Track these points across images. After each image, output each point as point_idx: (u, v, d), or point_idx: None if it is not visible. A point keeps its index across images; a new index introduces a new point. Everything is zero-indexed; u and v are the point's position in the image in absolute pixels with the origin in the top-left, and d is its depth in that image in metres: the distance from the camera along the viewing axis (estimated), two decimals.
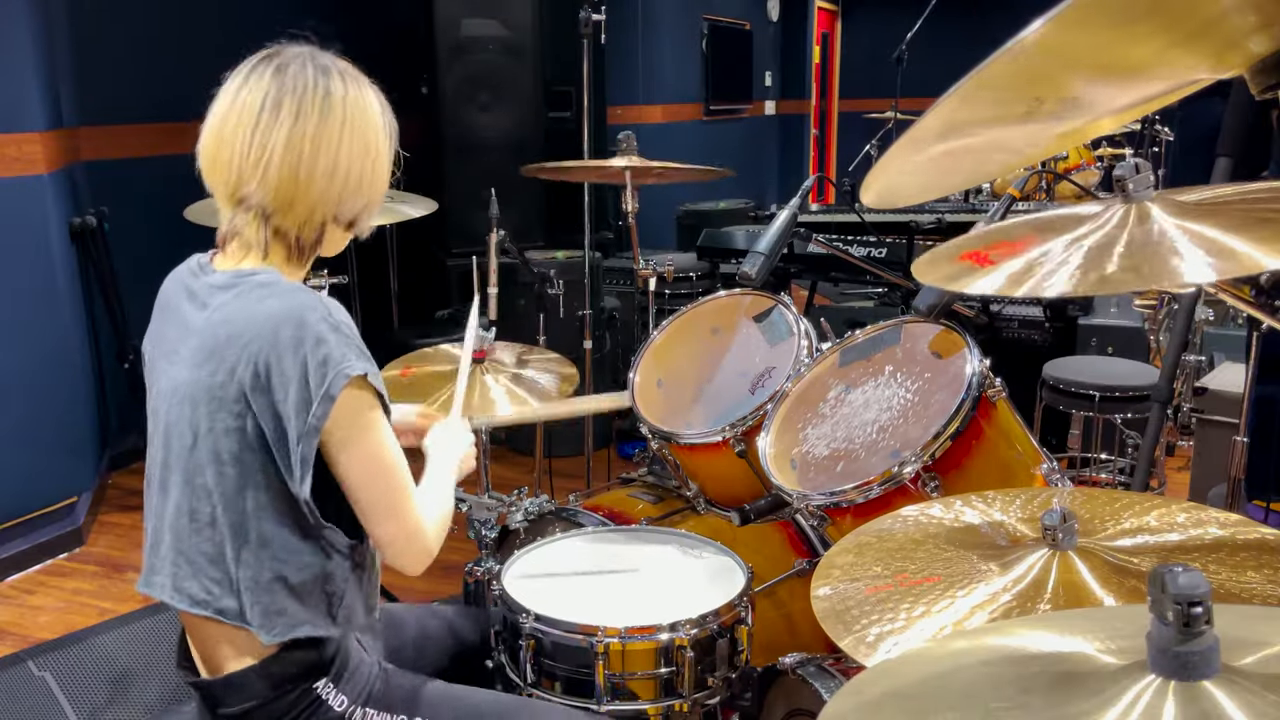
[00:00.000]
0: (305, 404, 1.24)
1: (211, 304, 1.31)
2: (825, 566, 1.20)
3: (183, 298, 1.36)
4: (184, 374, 1.31)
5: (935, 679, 0.72)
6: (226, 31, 4.37)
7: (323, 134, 1.30)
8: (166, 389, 1.34)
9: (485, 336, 2.36)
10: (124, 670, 2.54)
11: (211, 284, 1.33)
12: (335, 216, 1.35)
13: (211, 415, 1.27)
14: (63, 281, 3.45)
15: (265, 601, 1.30)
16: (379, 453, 1.31)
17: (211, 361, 1.27)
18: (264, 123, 1.28)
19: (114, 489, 3.89)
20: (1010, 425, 1.72)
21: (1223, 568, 1.06)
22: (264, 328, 1.25)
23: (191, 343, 1.31)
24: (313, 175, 1.30)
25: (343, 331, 1.27)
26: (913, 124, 0.98)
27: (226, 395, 1.26)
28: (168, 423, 1.33)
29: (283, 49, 1.34)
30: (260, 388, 1.25)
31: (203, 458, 1.29)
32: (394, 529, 1.32)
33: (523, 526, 2.13)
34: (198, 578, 1.31)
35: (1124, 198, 1.08)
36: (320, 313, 1.26)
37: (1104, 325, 3.48)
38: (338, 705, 1.35)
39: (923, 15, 5.40)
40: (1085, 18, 0.80)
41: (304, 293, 1.29)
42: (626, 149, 2.62)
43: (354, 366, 1.25)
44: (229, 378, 1.26)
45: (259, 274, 1.31)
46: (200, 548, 1.31)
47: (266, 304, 1.27)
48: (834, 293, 5.57)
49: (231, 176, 1.30)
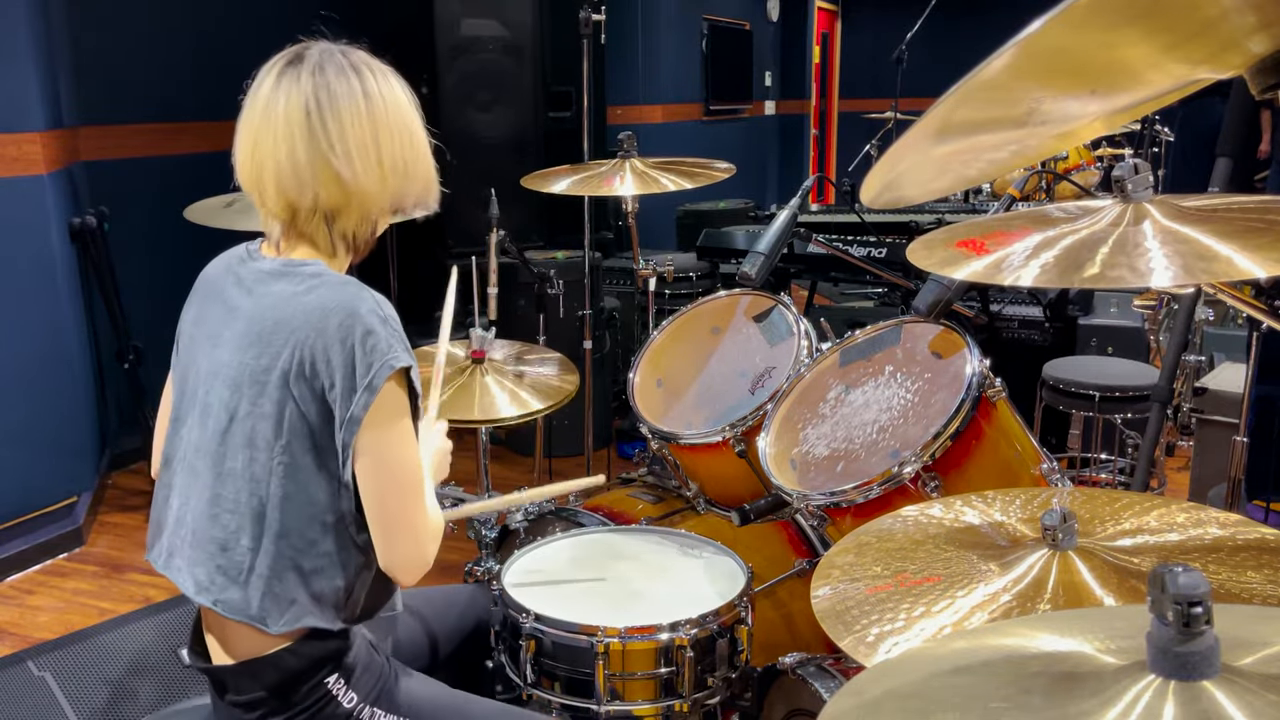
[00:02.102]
0: (350, 392, 1.26)
1: (259, 290, 1.33)
2: (825, 566, 1.20)
3: (229, 282, 1.38)
4: (226, 356, 1.32)
5: (935, 679, 0.72)
6: (227, 32, 4.37)
7: (371, 134, 1.32)
8: (206, 371, 1.35)
9: (485, 336, 2.36)
10: (124, 670, 2.54)
11: (261, 270, 1.35)
12: (391, 208, 1.39)
13: (252, 400, 1.29)
14: (63, 281, 3.45)
15: (277, 590, 1.30)
16: (399, 457, 1.31)
17: (256, 346, 1.29)
18: (314, 132, 1.29)
19: (114, 489, 3.89)
20: (1010, 425, 1.72)
21: (1223, 568, 1.06)
22: (313, 316, 1.27)
23: (237, 327, 1.33)
24: (370, 176, 1.32)
25: (391, 324, 1.30)
26: (912, 124, 0.98)
27: (269, 380, 1.28)
28: (205, 404, 1.34)
29: (307, 48, 1.34)
30: (304, 375, 1.27)
31: (236, 442, 1.30)
32: (399, 536, 1.33)
33: (523, 526, 2.13)
34: (205, 564, 1.33)
35: (1123, 198, 1.08)
36: (370, 305, 1.29)
37: (1104, 325, 3.48)
38: (347, 702, 1.35)
39: (923, 15, 5.40)
40: (1085, 18, 0.80)
41: (354, 285, 1.32)
42: (627, 149, 2.61)
43: (400, 358, 1.28)
44: (273, 363, 1.28)
45: (309, 264, 1.33)
46: (213, 534, 1.32)
47: (317, 293, 1.29)
48: (834, 293, 5.57)
49: (287, 190, 1.31)
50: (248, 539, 1.30)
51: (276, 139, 1.30)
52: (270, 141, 1.30)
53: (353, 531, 1.33)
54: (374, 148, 1.32)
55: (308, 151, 1.29)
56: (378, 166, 1.33)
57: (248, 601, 1.31)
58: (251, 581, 1.30)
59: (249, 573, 1.30)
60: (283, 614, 1.30)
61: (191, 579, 1.34)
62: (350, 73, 1.32)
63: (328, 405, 1.28)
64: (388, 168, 1.34)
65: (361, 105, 1.31)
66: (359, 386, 1.26)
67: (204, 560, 1.33)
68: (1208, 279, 0.94)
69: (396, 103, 1.36)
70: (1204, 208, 1.05)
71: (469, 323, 2.44)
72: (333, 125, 1.29)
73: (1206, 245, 0.96)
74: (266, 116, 1.31)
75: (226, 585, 1.31)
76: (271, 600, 1.30)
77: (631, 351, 2.40)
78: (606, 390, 4.14)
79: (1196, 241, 0.97)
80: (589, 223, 3.28)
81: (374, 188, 1.33)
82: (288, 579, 1.30)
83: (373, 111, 1.32)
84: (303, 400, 1.28)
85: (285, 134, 1.29)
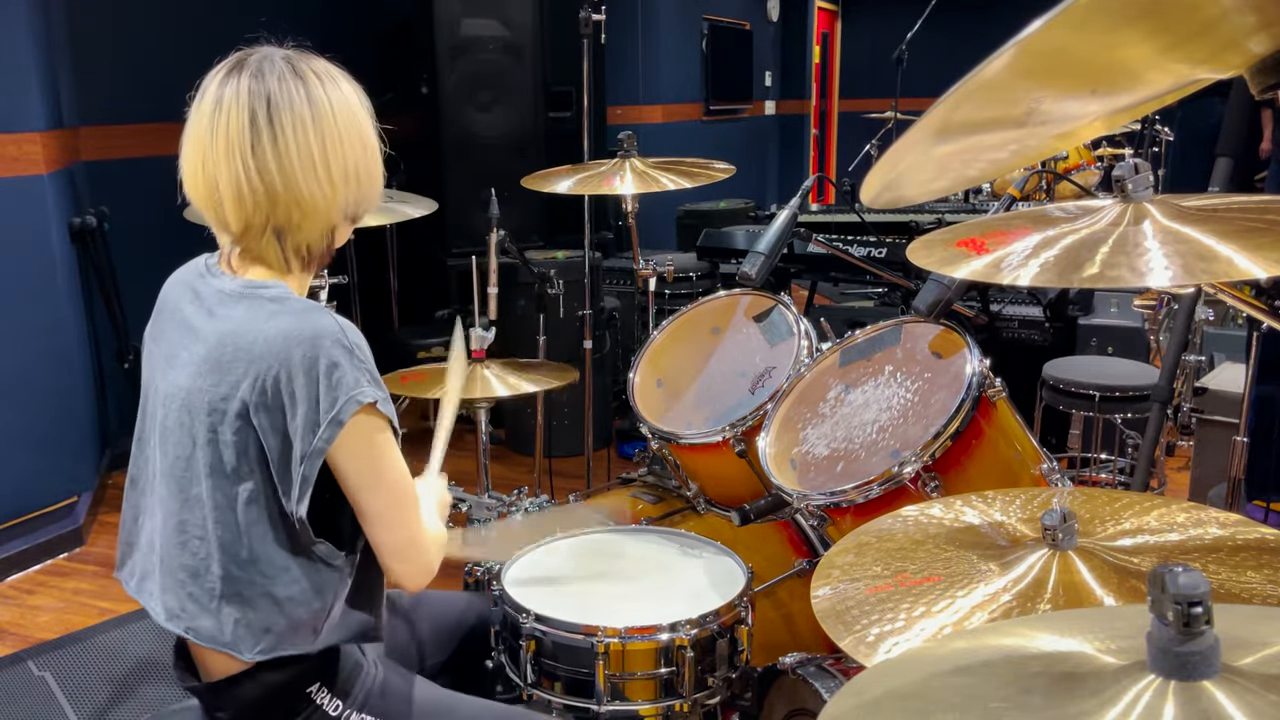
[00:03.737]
0: (313, 426, 1.22)
1: (219, 313, 1.28)
2: (825, 566, 1.20)
3: (186, 299, 1.33)
4: (184, 381, 1.28)
5: (935, 679, 0.72)
6: (227, 32, 4.35)
7: (320, 144, 1.26)
8: (164, 392, 1.31)
9: (485, 336, 2.37)
10: (124, 670, 2.54)
11: (221, 290, 1.30)
12: (348, 217, 1.34)
13: (212, 427, 1.25)
14: (63, 281, 3.45)
15: (250, 618, 1.27)
16: (387, 471, 1.29)
17: (215, 374, 1.25)
18: (257, 146, 1.24)
19: (114, 489, 3.89)
20: (1010, 425, 1.72)
21: (1223, 568, 1.06)
22: (274, 345, 1.22)
23: (196, 350, 1.28)
24: (321, 187, 1.27)
25: (356, 355, 1.25)
26: (912, 124, 0.98)
27: (229, 409, 1.24)
28: (164, 428, 1.31)
29: (250, 54, 1.29)
30: (265, 406, 1.23)
31: (199, 468, 1.26)
32: (400, 538, 1.32)
33: None
34: (175, 591, 1.29)
35: (1123, 198, 1.08)
36: (335, 335, 1.24)
37: (1104, 325, 3.48)
38: (333, 710, 1.34)
39: (923, 15, 5.40)
40: (1085, 18, 0.80)
41: (318, 312, 1.26)
42: (627, 149, 2.61)
43: (365, 394, 1.23)
44: (232, 391, 1.23)
45: (271, 288, 1.28)
46: (182, 561, 1.28)
47: (278, 321, 1.24)
48: (834, 293, 5.57)
49: (233, 207, 1.26)
50: (217, 567, 1.27)
51: (219, 155, 1.25)
52: (214, 157, 1.25)
53: (325, 556, 1.30)
54: (321, 158, 1.26)
55: (252, 167, 1.24)
56: (327, 177, 1.27)
57: (220, 629, 1.27)
58: (223, 610, 1.27)
59: (220, 600, 1.27)
60: (257, 642, 1.27)
61: (163, 606, 1.31)
62: (293, 78, 1.26)
63: (288, 435, 1.23)
64: (338, 177, 1.28)
65: (305, 113, 1.26)
66: (322, 421, 1.21)
67: (174, 588, 1.29)
68: (1208, 279, 0.94)
69: (345, 107, 1.30)
70: (1204, 208, 1.05)
71: (469, 323, 2.44)
72: (277, 137, 1.24)
73: (1206, 245, 0.96)
74: (210, 131, 1.25)
75: (198, 613, 1.28)
76: (245, 628, 1.27)
77: (631, 351, 2.40)
78: (606, 390, 4.14)
79: (1196, 241, 0.97)
80: (589, 223, 3.28)
81: (324, 199, 1.28)
82: (260, 606, 1.27)
83: (318, 119, 1.26)
84: (263, 431, 1.23)
85: (227, 150, 1.24)
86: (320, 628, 1.31)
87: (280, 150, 1.25)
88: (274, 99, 1.25)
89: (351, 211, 1.34)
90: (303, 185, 1.26)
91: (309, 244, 1.31)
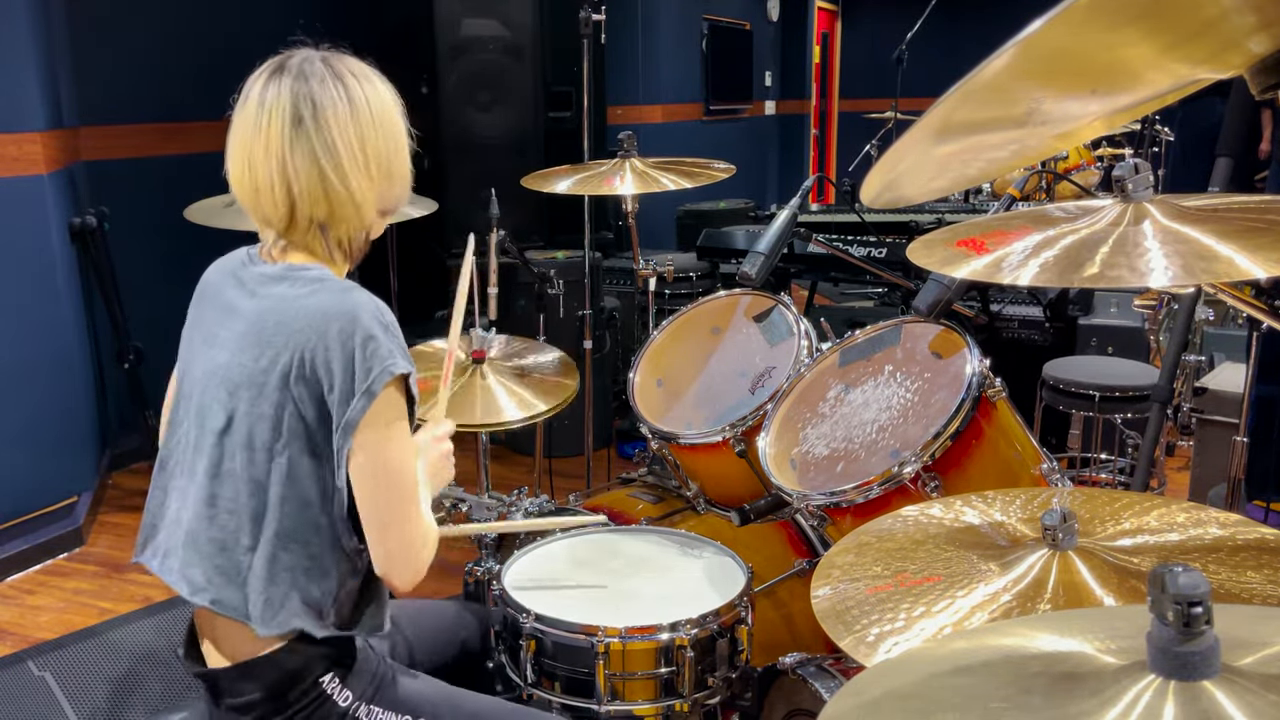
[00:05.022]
0: (349, 396, 1.27)
1: (260, 293, 1.34)
2: (825, 566, 1.20)
3: (228, 284, 1.39)
4: (224, 357, 1.33)
5: (935, 679, 0.72)
6: (227, 32, 4.37)
7: (360, 141, 1.33)
8: (202, 372, 1.36)
9: (485, 336, 2.36)
10: (124, 670, 2.53)
11: (262, 274, 1.36)
12: (381, 211, 1.40)
13: (251, 400, 1.30)
14: (63, 281, 3.45)
15: (270, 593, 1.30)
16: (394, 461, 1.32)
17: (255, 348, 1.30)
18: (301, 144, 1.30)
19: (114, 489, 3.89)
20: (1010, 425, 1.72)
21: (1223, 568, 1.06)
22: (314, 319, 1.28)
23: (236, 328, 1.33)
24: (359, 183, 1.33)
25: (392, 331, 1.31)
26: (912, 124, 0.98)
27: (268, 382, 1.28)
28: (201, 405, 1.35)
29: (290, 57, 1.35)
30: (303, 377, 1.28)
31: (235, 442, 1.31)
32: (393, 540, 1.32)
33: None
34: (202, 565, 1.32)
35: (1123, 198, 1.08)
36: (372, 311, 1.30)
37: (1104, 325, 3.48)
38: (343, 701, 1.35)
39: (923, 15, 5.40)
40: (1085, 18, 0.80)
41: (357, 290, 1.32)
42: (627, 149, 2.61)
43: (399, 365, 1.29)
44: (272, 364, 1.28)
45: (311, 269, 1.34)
46: (211, 534, 1.32)
47: (318, 297, 1.30)
48: (834, 293, 5.57)
49: (281, 202, 1.33)
50: (247, 539, 1.31)
51: (267, 153, 1.31)
52: (261, 155, 1.32)
53: (343, 537, 1.33)
54: (361, 154, 1.33)
55: (297, 164, 1.31)
56: (366, 172, 1.34)
57: (245, 601, 1.31)
58: (250, 582, 1.31)
59: (247, 572, 1.31)
60: (275, 615, 1.31)
61: (186, 580, 1.34)
62: (333, 80, 1.33)
63: (326, 408, 1.28)
64: (375, 172, 1.35)
65: (346, 112, 1.32)
66: (357, 391, 1.26)
67: (199, 561, 1.33)
68: (1208, 279, 0.94)
69: (380, 105, 1.36)
70: (1204, 208, 1.05)
71: (468, 323, 2.44)
72: (320, 135, 1.31)
73: (1206, 245, 0.96)
74: (255, 131, 1.32)
75: (224, 585, 1.31)
76: (265, 602, 1.30)
77: (631, 351, 2.40)
78: (606, 390, 4.14)
79: (1196, 241, 0.97)
80: (589, 223, 3.28)
81: (364, 193, 1.35)
82: (281, 580, 1.31)
83: (358, 117, 1.33)
84: (301, 402, 1.28)
85: (274, 148, 1.31)
86: (328, 612, 1.34)
87: (324, 147, 1.31)
88: (317, 100, 1.31)
89: (386, 205, 1.40)
90: (345, 180, 1.32)
91: (349, 236, 1.38)
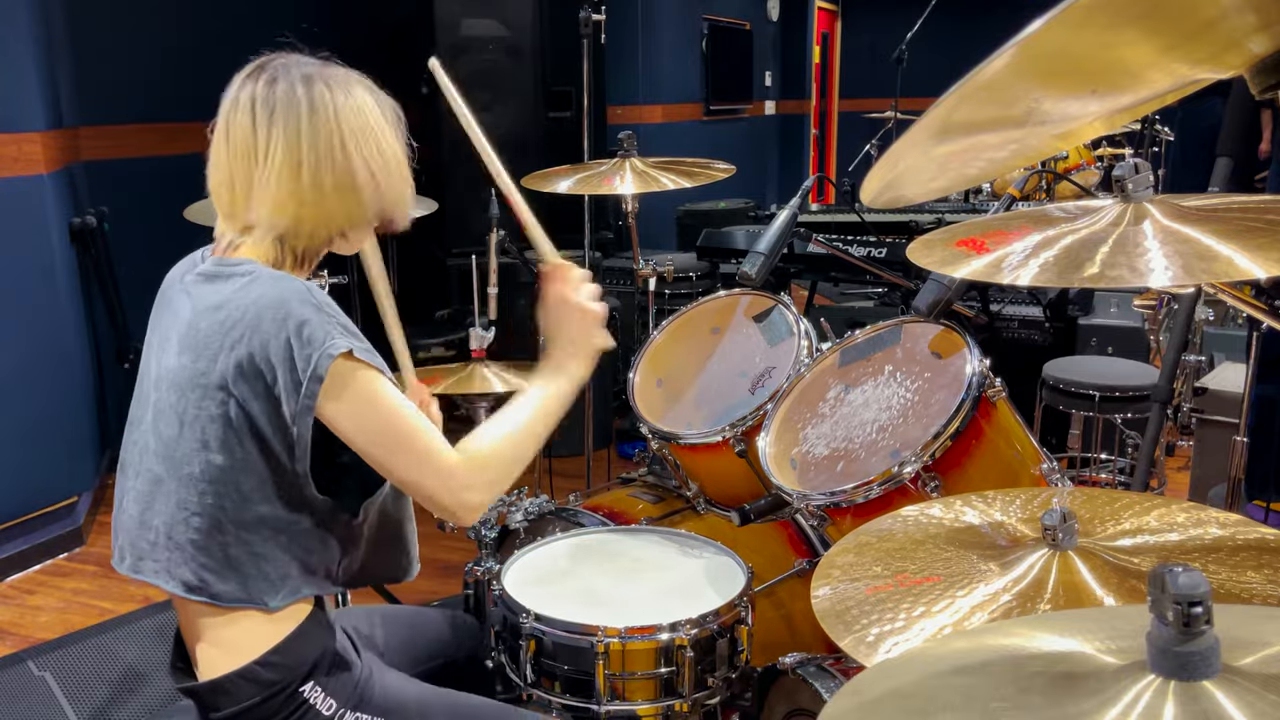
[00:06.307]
0: (295, 386, 1.26)
1: (194, 293, 1.33)
2: (825, 566, 1.20)
3: (177, 287, 1.39)
4: (172, 361, 1.33)
5: (935, 679, 0.72)
6: (227, 32, 4.37)
7: (318, 154, 1.30)
8: (155, 375, 1.36)
9: (485, 336, 2.36)
10: (124, 670, 2.54)
11: (199, 274, 1.35)
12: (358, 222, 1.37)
13: (197, 403, 1.29)
14: (63, 281, 3.45)
15: (266, 569, 1.32)
16: (381, 413, 1.30)
17: (192, 350, 1.29)
18: (260, 152, 1.29)
19: (114, 489, 3.89)
20: (1010, 425, 1.72)
21: (1223, 568, 1.06)
22: (247, 314, 1.26)
23: (179, 330, 1.33)
24: (319, 195, 1.31)
25: (325, 310, 1.28)
26: (912, 124, 0.98)
27: (209, 382, 1.28)
28: (157, 410, 1.34)
29: (267, 62, 1.33)
30: (245, 374, 1.26)
31: (189, 446, 1.30)
32: (427, 482, 1.32)
33: (523, 526, 2.13)
34: (189, 564, 1.32)
35: (1123, 198, 1.08)
36: (300, 295, 1.27)
37: (1104, 325, 3.48)
38: (326, 710, 1.35)
39: (923, 15, 5.40)
40: (1085, 18, 0.80)
41: (285, 279, 1.30)
42: (627, 149, 2.61)
43: (337, 345, 1.26)
44: (211, 365, 1.27)
45: (242, 263, 1.32)
46: (189, 537, 1.31)
47: (249, 291, 1.28)
48: (834, 293, 5.57)
49: (238, 205, 1.33)
50: (222, 535, 1.31)
51: (229, 157, 1.31)
52: (226, 159, 1.32)
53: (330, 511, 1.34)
54: (324, 166, 1.30)
55: (253, 170, 1.30)
56: (330, 184, 1.31)
57: (244, 589, 1.31)
58: (240, 569, 1.31)
59: (234, 563, 1.31)
60: (278, 590, 1.32)
61: (179, 582, 1.33)
62: (302, 87, 1.30)
63: (275, 398, 1.27)
64: (334, 185, 1.31)
65: (307, 123, 1.29)
66: (302, 379, 1.25)
67: (184, 562, 1.32)
68: (1208, 279, 0.94)
69: (351, 115, 1.32)
70: (1204, 207, 1.05)
71: (468, 322, 2.43)
72: (277, 143, 1.29)
73: (1206, 245, 0.96)
74: (224, 131, 1.32)
75: (215, 581, 1.31)
76: (264, 581, 1.32)
77: (631, 351, 2.40)
78: (606, 390, 4.13)
79: (1197, 241, 0.97)
80: (589, 222, 3.28)
81: (326, 205, 1.32)
82: (276, 558, 1.32)
83: (318, 129, 1.30)
84: (245, 400, 1.27)
85: (230, 150, 1.31)
86: (337, 573, 1.36)
87: (277, 156, 1.29)
88: (277, 106, 1.29)
89: (366, 217, 1.37)
90: (294, 194, 1.30)
91: (304, 246, 1.35)
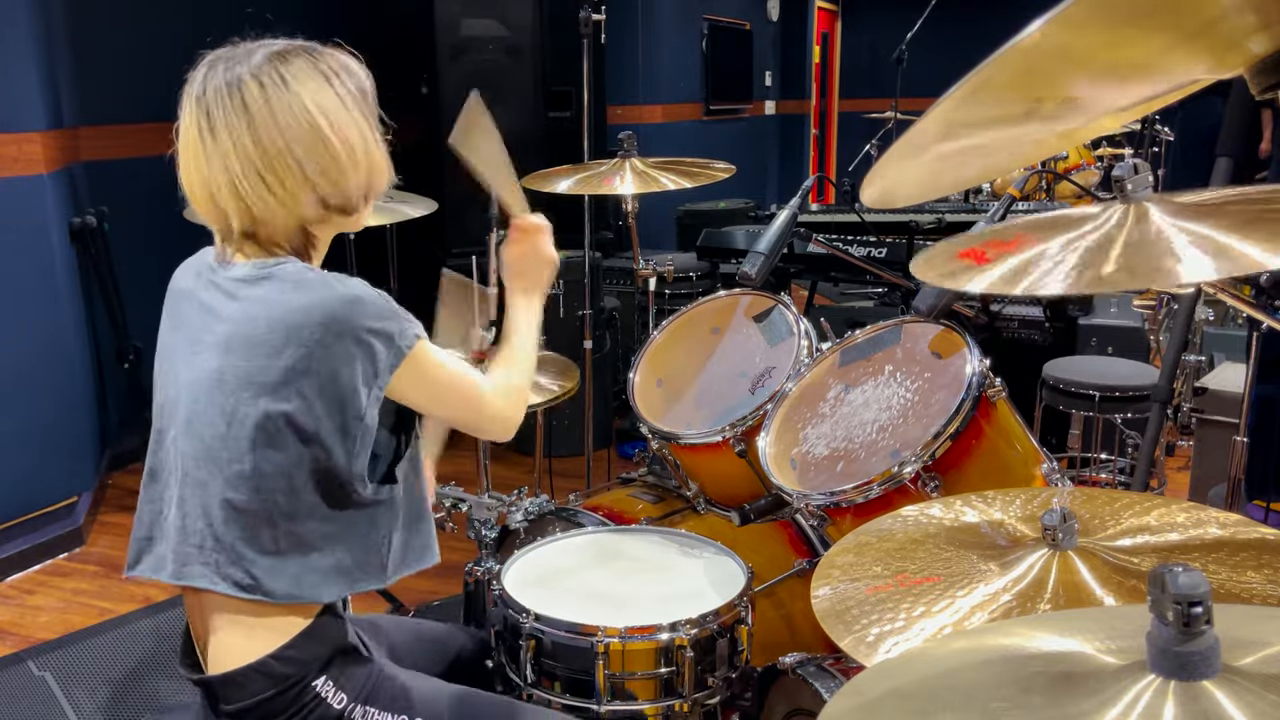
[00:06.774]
0: (373, 376, 1.30)
1: (241, 295, 1.31)
2: (825, 566, 1.20)
3: (203, 286, 1.36)
4: (214, 362, 1.31)
5: (935, 679, 0.72)
6: (227, 32, 4.36)
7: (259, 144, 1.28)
8: (189, 379, 1.33)
9: (485, 336, 2.36)
10: (124, 670, 2.54)
11: (235, 277, 1.33)
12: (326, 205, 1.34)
13: (250, 401, 1.28)
14: (63, 281, 3.45)
15: (318, 562, 1.33)
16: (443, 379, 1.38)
17: (247, 349, 1.28)
18: (206, 151, 1.30)
19: (114, 489, 3.89)
20: (1010, 425, 1.72)
21: (1223, 568, 1.06)
22: (312, 315, 1.27)
23: (221, 331, 1.31)
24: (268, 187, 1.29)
25: (389, 300, 1.32)
26: (912, 124, 0.98)
27: (267, 380, 1.27)
28: (192, 413, 1.32)
29: (218, 55, 1.34)
30: (310, 371, 1.27)
31: (241, 443, 1.29)
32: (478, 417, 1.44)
33: (523, 526, 2.13)
34: (238, 564, 1.31)
35: (1123, 198, 1.08)
36: (362, 289, 1.30)
37: (1104, 325, 3.48)
38: (337, 703, 1.35)
39: (923, 15, 5.40)
40: (1085, 18, 0.80)
41: (337, 279, 1.31)
42: (627, 149, 2.61)
43: (411, 330, 1.32)
44: (270, 363, 1.27)
45: (285, 263, 1.32)
46: (240, 535, 1.31)
47: (306, 292, 1.28)
48: (834, 293, 5.57)
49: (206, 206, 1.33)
50: (275, 530, 1.31)
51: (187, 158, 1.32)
52: (184, 159, 1.32)
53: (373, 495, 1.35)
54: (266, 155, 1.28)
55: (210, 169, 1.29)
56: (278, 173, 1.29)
57: (296, 584, 1.32)
58: (291, 565, 1.32)
59: (284, 559, 1.31)
60: (331, 584, 1.34)
61: (231, 583, 1.31)
62: (232, 80, 1.29)
63: (338, 396, 1.28)
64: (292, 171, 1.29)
65: (239, 114, 1.28)
66: (380, 369, 1.30)
67: (236, 561, 1.31)
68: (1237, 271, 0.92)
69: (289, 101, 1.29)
70: (1204, 207, 1.05)
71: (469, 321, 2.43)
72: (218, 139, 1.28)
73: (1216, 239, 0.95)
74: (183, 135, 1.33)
75: (265, 578, 1.31)
76: (318, 574, 1.32)
77: (631, 351, 2.40)
78: (606, 390, 4.13)
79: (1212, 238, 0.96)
80: (589, 222, 3.28)
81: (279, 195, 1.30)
82: (326, 550, 1.33)
83: (253, 119, 1.28)
84: (314, 396, 1.27)
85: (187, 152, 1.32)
86: (387, 561, 1.38)
87: (217, 153, 1.29)
88: (210, 102, 1.29)
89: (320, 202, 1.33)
90: (240, 189, 1.29)
91: (278, 238, 1.34)
